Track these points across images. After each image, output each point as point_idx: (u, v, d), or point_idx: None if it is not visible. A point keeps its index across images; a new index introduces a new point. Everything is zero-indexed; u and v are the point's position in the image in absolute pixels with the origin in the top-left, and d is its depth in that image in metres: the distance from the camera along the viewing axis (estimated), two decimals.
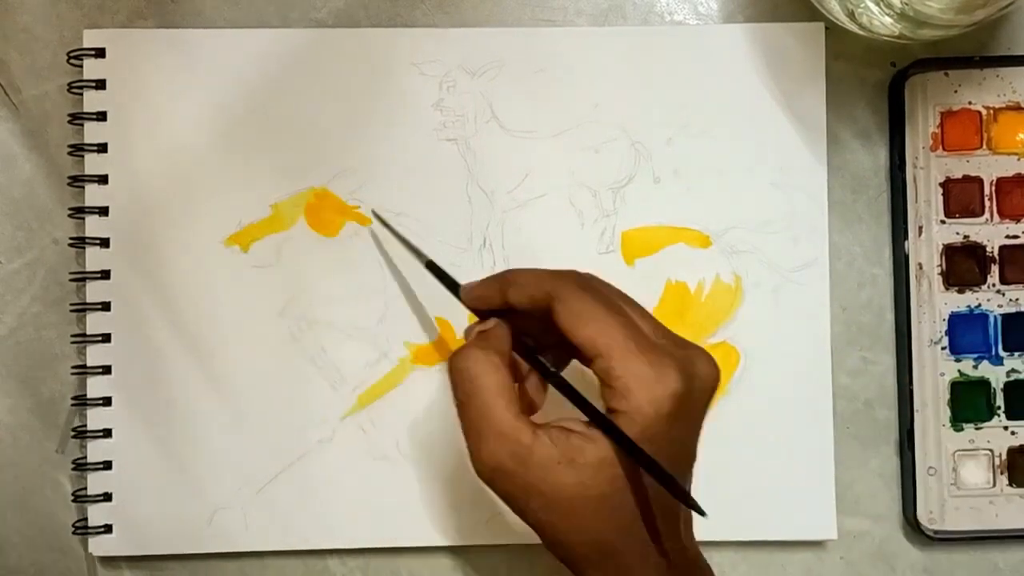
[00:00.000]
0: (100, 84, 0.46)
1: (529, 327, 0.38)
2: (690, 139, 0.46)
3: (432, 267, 0.42)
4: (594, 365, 0.35)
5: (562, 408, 0.36)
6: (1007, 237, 0.46)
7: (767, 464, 0.46)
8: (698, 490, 0.45)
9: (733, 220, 0.46)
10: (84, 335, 0.46)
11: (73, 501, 0.46)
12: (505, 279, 0.38)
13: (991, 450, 0.46)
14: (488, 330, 0.38)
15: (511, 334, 0.38)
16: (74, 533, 0.46)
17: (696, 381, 0.35)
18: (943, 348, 0.46)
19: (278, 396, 0.46)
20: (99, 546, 0.46)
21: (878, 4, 0.42)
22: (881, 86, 0.47)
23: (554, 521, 0.35)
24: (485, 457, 0.35)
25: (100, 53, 0.46)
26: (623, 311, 0.36)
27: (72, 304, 0.46)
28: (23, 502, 0.47)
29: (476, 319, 0.39)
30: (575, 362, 0.38)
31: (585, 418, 0.35)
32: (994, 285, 0.46)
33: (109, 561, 0.46)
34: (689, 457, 0.37)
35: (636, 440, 0.34)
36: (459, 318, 0.46)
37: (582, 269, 0.46)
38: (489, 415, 0.35)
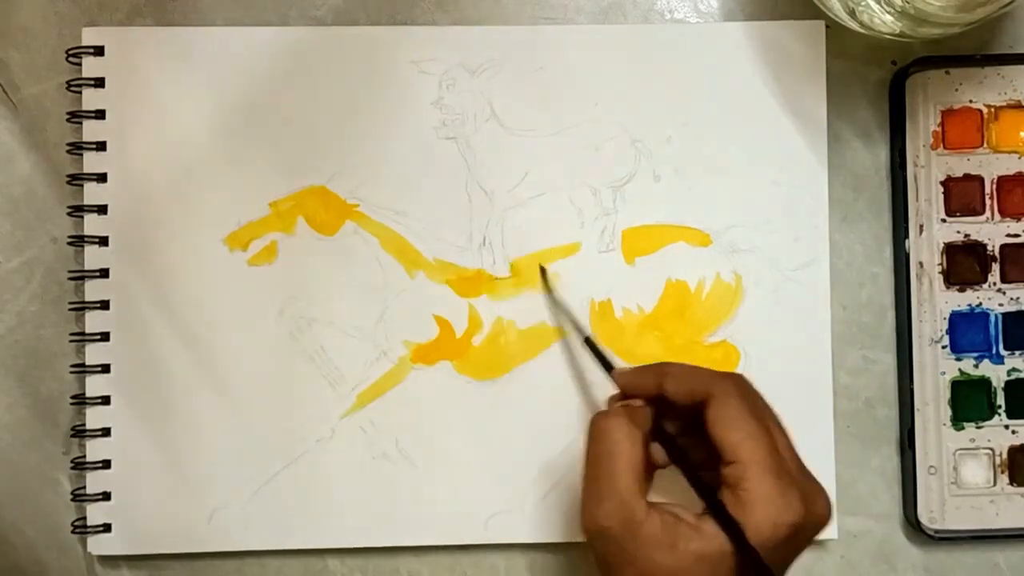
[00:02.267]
0: (99, 82, 0.46)
1: (667, 415, 0.39)
2: (690, 137, 0.46)
3: (589, 344, 0.43)
4: (727, 468, 0.36)
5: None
6: (1008, 236, 0.46)
7: None
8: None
9: (733, 218, 0.46)
10: (83, 334, 0.46)
11: (72, 500, 0.46)
12: (663, 371, 0.39)
13: (992, 449, 0.46)
14: (636, 407, 0.39)
15: (653, 418, 0.39)
16: (73, 532, 0.46)
17: (811, 517, 0.37)
18: (944, 347, 0.46)
19: (277, 395, 0.46)
20: (98, 545, 0.46)
21: (879, 2, 0.42)
22: (882, 84, 0.47)
23: None
24: (600, 517, 0.37)
25: (99, 51, 0.46)
26: (769, 428, 0.37)
27: (71, 303, 0.46)
28: (22, 501, 0.46)
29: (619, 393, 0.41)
30: None
31: (696, 510, 0.36)
32: (995, 284, 0.46)
33: (108, 560, 0.46)
34: None
35: None
36: (459, 318, 0.46)
37: (581, 268, 0.46)
38: (615, 481, 0.37)
